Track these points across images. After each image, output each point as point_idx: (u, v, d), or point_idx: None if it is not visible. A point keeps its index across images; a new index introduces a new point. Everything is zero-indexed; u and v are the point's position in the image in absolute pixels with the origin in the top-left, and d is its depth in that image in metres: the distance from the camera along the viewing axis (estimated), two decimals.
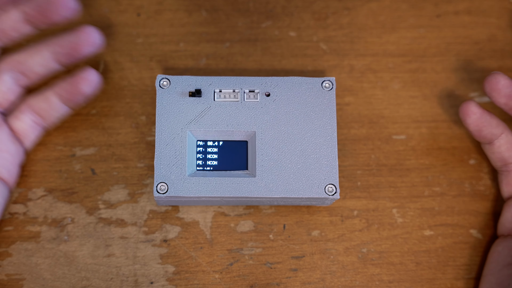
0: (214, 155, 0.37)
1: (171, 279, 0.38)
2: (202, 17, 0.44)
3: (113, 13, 0.43)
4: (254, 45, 0.43)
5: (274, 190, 0.36)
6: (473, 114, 0.37)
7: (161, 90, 0.38)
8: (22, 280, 0.38)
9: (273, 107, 0.38)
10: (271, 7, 0.44)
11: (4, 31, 0.37)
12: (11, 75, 0.38)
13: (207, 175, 0.37)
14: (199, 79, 0.38)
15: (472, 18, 0.44)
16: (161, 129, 0.37)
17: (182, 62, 0.43)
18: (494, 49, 0.44)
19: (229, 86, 0.38)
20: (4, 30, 0.37)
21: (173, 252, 0.39)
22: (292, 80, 0.38)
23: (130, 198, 0.40)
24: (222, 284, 0.38)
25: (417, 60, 0.43)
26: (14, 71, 0.38)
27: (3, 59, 0.38)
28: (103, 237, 0.39)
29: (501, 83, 0.36)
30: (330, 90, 0.38)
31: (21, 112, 0.39)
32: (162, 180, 0.36)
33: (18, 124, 0.39)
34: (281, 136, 0.37)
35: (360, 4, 0.44)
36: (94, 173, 0.40)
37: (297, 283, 0.38)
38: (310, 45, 0.43)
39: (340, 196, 0.40)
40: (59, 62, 0.38)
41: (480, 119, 0.37)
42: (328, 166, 0.37)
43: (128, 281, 0.38)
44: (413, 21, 0.44)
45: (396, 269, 0.39)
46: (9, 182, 0.38)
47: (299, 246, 0.39)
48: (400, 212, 0.40)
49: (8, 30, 0.37)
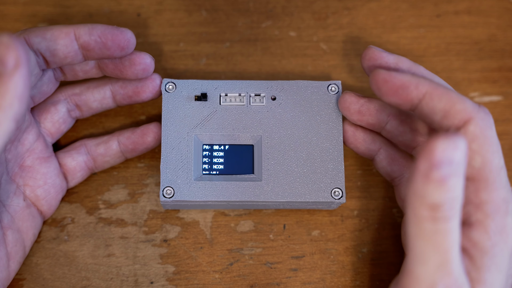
0: (220, 159, 0.37)
1: (171, 279, 0.38)
2: (202, 17, 0.44)
3: (113, 13, 0.43)
4: (254, 45, 0.43)
5: (280, 194, 0.36)
6: (347, 131, 0.37)
7: (167, 94, 0.38)
8: (22, 280, 0.38)
9: (279, 110, 0.38)
10: (271, 7, 0.44)
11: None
12: (67, 106, 0.38)
13: (213, 179, 0.36)
14: (204, 83, 0.38)
15: (472, 18, 0.44)
16: (167, 133, 0.37)
17: (182, 62, 0.43)
18: (494, 49, 0.44)
19: (235, 90, 0.38)
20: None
21: (173, 252, 0.39)
22: (298, 83, 0.38)
23: (130, 198, 0.40)
24: (222, 284, 0.38)
25: (417, 60, 0.43)
26: (71, 102, 0.38)
27: (61, 89, 0.38)
28: (103, 237, 0.39)
29: (348, 101, 0.36)
30: (336, 94, 0.38)
31: (76, 152, 0.38)
32: (168, 184, 0.36)
33: (70, 162, 0.38)
34: (287, 140, 0.37)
35: (360, 4, 0.44)
36: (94, 173, 0.40)
37: (297, 283, 0.38)
38: (310, 45, 0.43)
39: None
40: (116, 102, 0.38)
41: (354, 136, 0.37)
42: (335, 170, 0.37)
43: (128, 281, 0.38)
44: (413, 21, 0.44)
45: (396, 269, 0.39)
46: (46, 215, 0.38)
47: (299, 246, 0.39)
48: (400, 212, 0.40)
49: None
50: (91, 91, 0.38)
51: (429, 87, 0.31)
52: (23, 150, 0.36)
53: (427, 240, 0.28)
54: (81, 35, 0.34)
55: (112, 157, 0.38)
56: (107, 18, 0.43)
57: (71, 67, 0.36)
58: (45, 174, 0.37)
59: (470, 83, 0.43)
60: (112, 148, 0.38)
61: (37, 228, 0.37)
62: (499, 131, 0.42)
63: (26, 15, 0.44)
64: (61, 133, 0.38)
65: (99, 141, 0.38)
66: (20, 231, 0.36)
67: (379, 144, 0.37)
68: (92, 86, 0.38)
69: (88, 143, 0.38)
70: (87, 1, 0.44)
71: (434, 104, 0.31)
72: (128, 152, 0.38)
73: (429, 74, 0.35)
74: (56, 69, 0.36)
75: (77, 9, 0.44)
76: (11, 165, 0.36)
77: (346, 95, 0.36)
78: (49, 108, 0.37)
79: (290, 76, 0.42)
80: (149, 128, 0.38)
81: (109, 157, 0.38)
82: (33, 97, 0.36)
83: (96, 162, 0.38)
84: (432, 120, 0.32)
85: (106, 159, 0.38)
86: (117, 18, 0.43)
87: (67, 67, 0.36)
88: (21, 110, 0.29)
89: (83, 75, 0.37)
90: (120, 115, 0.41)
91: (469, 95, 0.43)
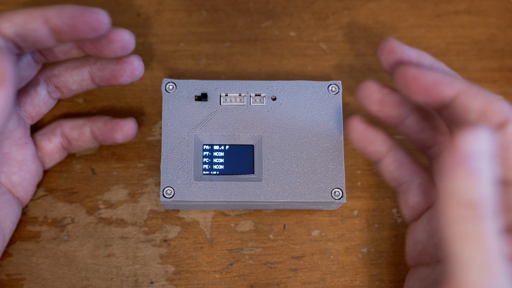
0: (220, 159, 0.37)
1: (171, 279, 0.38)
2: (202, 17, 0.44)
3: (113, 13, 0.43)
4: (254, 45, 0.43)
5: (281, 194, 0.36)
6: (355, 130, 0.34)
7: (167, 94, 0.38)
8: (22, 280, 0.38)
9: (279, 111, 0.38)
10: (271, 7, 0.44)
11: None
12: (47, 89, 0.37)
13: (214, 179, 0.37)
14: (205, 83, 0.38)
15: (472, 18, 0.44)
16: (167, 133, 0.37)
17: (182, 62, 0.43)
18: (494, 49, 0.44)
19: (235, 90, 0.38)
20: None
21: (173, 252, 0.39)
22: (298, 84, 0.38)
23: (130, 198, 0.40)
24: (222, 284, 0.38)
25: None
26: (50, 85, 0.37)
27: (41, 70, 0.37)
28: (103, 237, 0.39)
29: (371, 89, 0.33)
30: (337, 94, 0.38)
31: (54, 135, 0.38)
32: (168, 185, 0.36)
33: (48, 145, 0.38)
34: (287, 140, 0.37)
35: (360, 4, 0.44)
36: (94, 173, 0.40)
37: (297, 283, 0.38)
38: (310, 45, 0.43)
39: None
40: (95, 83, 0.37)
41: (363, 135, 0.34)
42: (335, 170, 0.37)
43: (128, 281, 0.38)
44: (413, 21, 0.44)
45: (396, 269, 0.39)
46: (23, 201, 0.38)
47: (299, 246, 0.39)
48: (400, 212, 0.40)
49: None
50: (69, 73, 0.37)
51: (464, 85, 0.30)
52: (1, 138, 0.35)
53: (467, 242, 0.26)
54: (51, 18, 0.32)
55: (85, 143, 0.38)
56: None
57: (49, 49, 0.35)
58: (20, 161, 0.36)
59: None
60: (85, 134, 0.38)
61: (15, 215, 0.37)
62: None
63: None
64: (42, 114, 0.38)
65: (74, 125, 0.38)
66: None
67: (389, 146, 0.35)
68: (70, 67, 0.37)
69: (64, 125, 0.38)
70: (87, 1, 0.44)
71: (469, 104, 0.29)
72: (100, 141, 0.38)
73: (451, 72, 0.33)
74: (35, 52, 0.35)
75: None
76: None
77: (369, 83, 0.33)
78: (29, 91, 0.37)
79: (290, 76, 0.42)
80: (119, 125, 0.37)
81: (82, 142, 0.38)
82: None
83: (71, 144, 0.38)
84: (465, 120, 0.30)
85: (79, 143, 0.38)
86: (117, 18, 0.43)
87: (45, 50, 0.35)
88: (1, 124, 0.28)
89: (63, 56, 0.36)
90: (120, 115, 0.41)
91: None
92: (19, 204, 0.37)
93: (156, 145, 0.40)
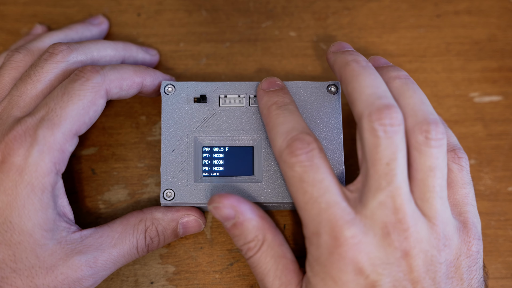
0: (220, 161, 0.37)
1: (171, 279, 0.38)
2: (202, 17, 0.44)
3: (113, 13, 0.43)
4: (254, 45, 0.43)
5: (281, 195, 0.36)
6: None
7: (166, 96, 0.37)
8: None
9: None
10: (271, 7, 0.44)
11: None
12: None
13: (214, 181, 0.36)
14: (204, 84, 0.38)
15: (472, 18, 0.44)
16: (167, 135, 0.37)
17: (182, 62, 0.43)
18: (494, 49, 0.44)
19: (234, 92, 0.38)
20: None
21: (173, 252, 0.39)
22: (297, 84, 0.38)
23: (130, 198, 0.40)
24: (222, 284, 0.38)
25: (417, 60, 0.43)
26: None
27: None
28: None
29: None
30: (336, 94, 0.38)
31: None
32: (168, 187, 0.36)
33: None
34: None
35: (360, 4, 0.45)
36: (94, 173, 0.40)
37: None
38: (310, 45, 0.43)
39: None
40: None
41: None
42: (335, 170, 0.37)
43: (128, 281, 0.38)
44: (413, 21, 0.44)
45: None
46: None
47: (299, 246, 0.39)
48: None
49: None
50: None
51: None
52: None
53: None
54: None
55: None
56: (107, 18, 0.43)
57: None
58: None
59: (470, 83, 0.43)
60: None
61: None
62: (499, 131, 0.42)
63: (26, 15, 0.44)
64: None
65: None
66: None
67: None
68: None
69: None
70: (87, 1, 0.44)
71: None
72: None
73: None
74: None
75: (77, 9, 0.44)
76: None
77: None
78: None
79: (290, 76, 0.42)
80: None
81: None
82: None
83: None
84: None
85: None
86: (117, 18, 0.43)
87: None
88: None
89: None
90: (120, 115, 0.41)
91: (469, 95, 0.43)
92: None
93: (156, 145, 0.40)
